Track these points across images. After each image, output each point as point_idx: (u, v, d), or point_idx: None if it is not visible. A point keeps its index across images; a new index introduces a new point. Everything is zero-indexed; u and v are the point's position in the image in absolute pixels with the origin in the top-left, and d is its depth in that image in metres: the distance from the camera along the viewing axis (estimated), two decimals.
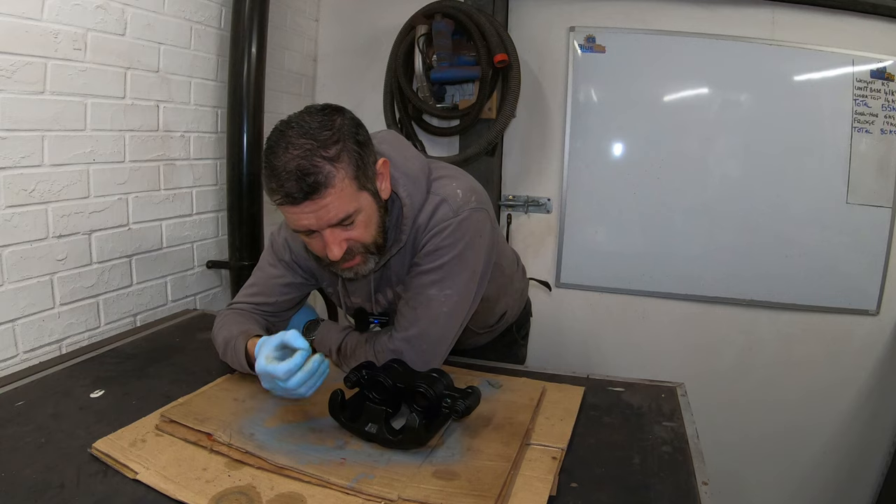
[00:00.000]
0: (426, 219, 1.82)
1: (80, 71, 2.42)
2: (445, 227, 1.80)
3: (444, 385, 1.65)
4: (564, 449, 1.63)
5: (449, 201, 1.82)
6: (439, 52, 3.61)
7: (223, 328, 2.02)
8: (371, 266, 1.81)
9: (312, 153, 1.56)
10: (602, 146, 3.87)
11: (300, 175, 1.55)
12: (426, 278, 1.85)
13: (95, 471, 1.49)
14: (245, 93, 3.18)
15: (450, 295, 1.85)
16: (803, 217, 3.61)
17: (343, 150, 1.61)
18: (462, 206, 1.82)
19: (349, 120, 1.68)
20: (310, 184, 1.56)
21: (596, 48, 3.75)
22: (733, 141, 3.68)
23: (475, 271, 1.89)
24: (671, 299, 3.87)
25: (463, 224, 1.81)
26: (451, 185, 1.87)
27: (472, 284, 1.90)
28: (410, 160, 1.89)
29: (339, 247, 1.68)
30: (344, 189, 1.60)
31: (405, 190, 1.81)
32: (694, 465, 1.59)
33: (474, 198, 1.86)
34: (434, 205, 1.83)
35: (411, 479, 1.45)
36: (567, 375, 2.16)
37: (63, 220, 2.41)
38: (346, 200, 1.63)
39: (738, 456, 3.84)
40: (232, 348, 1.92)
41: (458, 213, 1.81)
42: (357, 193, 1.65)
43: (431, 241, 1.82)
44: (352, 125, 1.67)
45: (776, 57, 3.53)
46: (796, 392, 3.77)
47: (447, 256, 1.81)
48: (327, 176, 1.57)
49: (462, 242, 1.82)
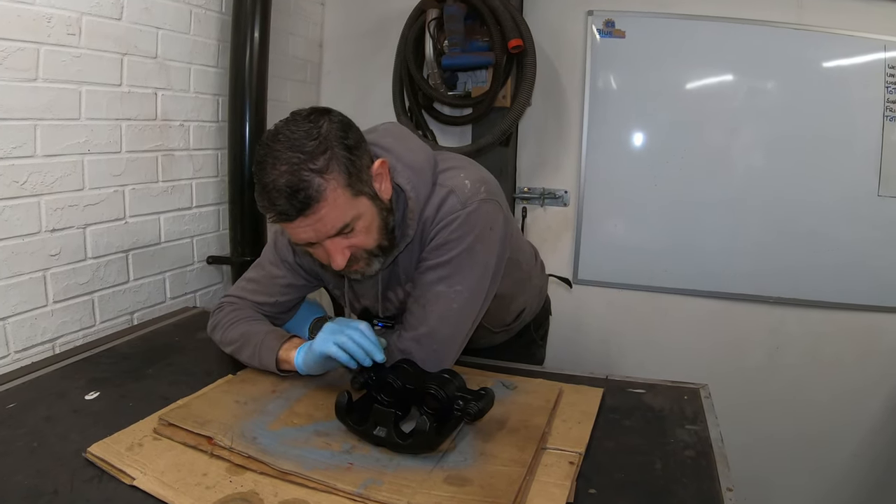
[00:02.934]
0: (433, 211, 1.81)
1: (74, 57, 2.42)
2: (454, 220, 1.79)
3: (456, 386, 1.64)
4: (582, 453, 1.62)
5: (457, 192, 1.81)
6: (451, 37, 3.59)
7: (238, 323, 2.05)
8: (377, 266, 1.82)
9: (300, 167, 1.57)
10: (622, 136, 3.86)
11: (290, 192, 1.57)
12: (435, 274, 1.84)
13: (90, 476, 1.48)
14: (247, 80, 3.18)
15: (460, 291, 1.84)
16: (833, 210, 3.58)
17: (332, 158, 1.61)
18: (470, 196, 1.81)
19: (337, 123, 1.67)
20: (301, 200, 1.57)
21: (615, 33, 3.73)
22: (759, 130, 3.66)
23: (487, 266, 1.87)
24: (694, 296, 3.86)
25: (472, 216, 1.80)
26: (459, 175, 1.86)
27: (485, 280, 1.88)
28: (415, 152, 1.88)
29: (343, 255, 1.70)
30: (337, 199, 1.61)
31: (409, 183, 1.80)
32: (718, 471, 1.57)
33: (483, 188, 1.84)
34: (441, 197, 1.82)
35: (421, 485, 1.44)
36: (585, 376, 2.15)
37: (56, 213, 2.41)
38: (342, 210, 1.64)
39: (764, 460, 3.82)
40: (256, 345, 1.96)
41: (467, 204, 1.80)
42: (353, 200, 1.66)
43: (439, 235, 1.81)
44: (340, 129, 1.66)
45: (804, 42, 3.50)
46: (825, 393, 3.74)
47: (456, 250, 1.80)
48: (318, 189, 1.58)
49: (472, 235, 1.80)
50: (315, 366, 1.85)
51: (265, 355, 1.94)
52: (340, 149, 1.63)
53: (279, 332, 2.01)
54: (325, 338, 1.76)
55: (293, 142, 1.59)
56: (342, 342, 1.71)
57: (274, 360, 1.93)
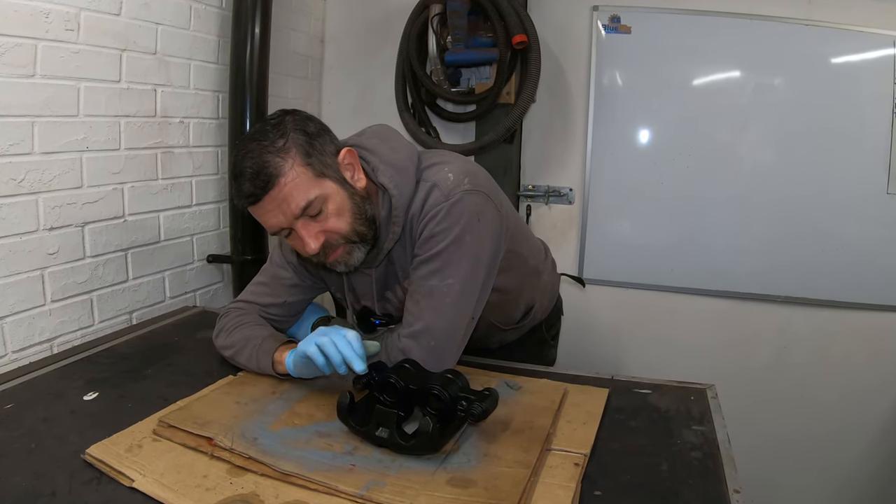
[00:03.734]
0: (419, 206, 1.85)
1: (72, 53, 2.42)
2: (438, 212, 1.81)
3: (460, 387, 1.63)
4: (587, 455, 1.61)
5: (439, 186, 1.84)
6: (454, 32, 3.59)
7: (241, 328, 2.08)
8: (359, 256, 1.86)
9: (262, 152, 1.71)
10: (628, 133, 3.86)
11: (253, 174, 1.70)
12: (426, 268, 1.85)
13: (89, 478, 1.48)
14: (248, 76, 3.18)
15: (451, 284, 1.84)
16: (841, 208, 3.58)
17: (289, 141, 1.74)
18: (453, 188, 1.83)
19: (300, 117, 1.82)
20: (262, 179, 1.69)
21: (621, 28, 3.73)
22: (767, 127, 3.65)
23: (479, 258, 1.88)
24: (701, 295, 3.85)
25: (456, 207, 1.81)
26: (443, 170, 1.88)
27: (478, 272, 1.89)
28: (397, 150, 1.93)
29: (315, 239, 1.77)
30: (298, 177, 1.72)
31: (391, 181, 1.85)
32: (725, 472, 1.56)
33: (467, 180, 1.86)
34: (425, 191, 1.85)
35: (424, 487, 1.43)
36: (590, 377, 2.15)
37: (54, 211, 2.41)
38: (304, 188, 1.73)
39: (772, 461, 3.82)
40: (255, 347, 1.99)
41: (450, 196, 1.82)
42: (315, 180, 1.75)
43: (426, 228, 1.83)
44: (300, 119, 1.80)
45: (812, 38, 3.49)
46: (834, 393, 3.74)
47: (443, 243, 1.82)
48: (277, 167, 1.70)
49: (458, 227, 1.82)
50: (302, 368, 1.85)
51: (262, 357, 1.96)
52: (298, 134, 1.76)
53: (278, 336, 2.03)
54: (309, 338, 1.78)
55: (256, 134, 1.75)
56: (322, 343, 1.72)
57: (270, 362, 1.94)
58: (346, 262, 1.85)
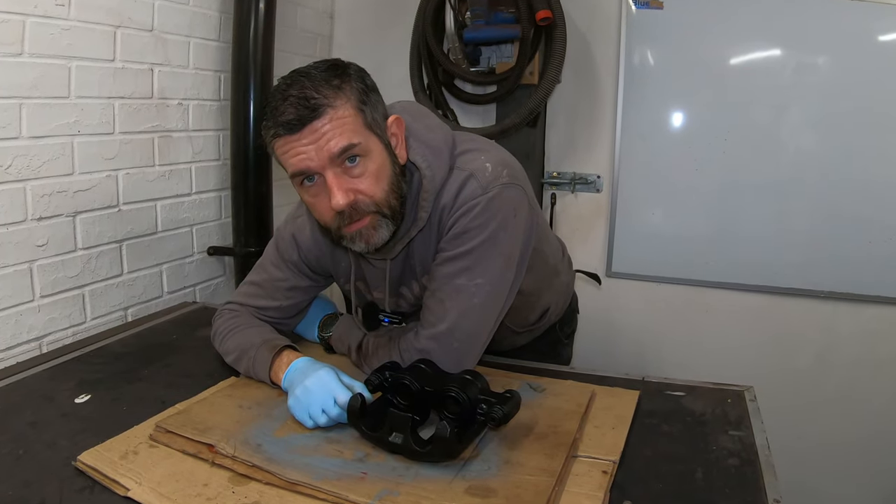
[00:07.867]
0: (451, 197, 1.81)
1: (63, 30, 2.42)
2: (474, 206, 1.78)
3: (479, 389, 1.63)
4: (616, 462, 1.60)
5: (477, 176, 1.80)
6: (474, 8, 3.56)
7: (235, 333, 2.07)
8: (384, 234, 1.78)
9: (316, 82, 1.65)
10: (659, 116, 3.84)
11: (299, 100, 1.62)
12: (454, 266, 1.82)
13: (81, 487, 1.48)
14: (252, 55, 3.18)
15: (481, 284, 1.82)
16: (890, 196, 3.54)
17: (346, 83, 1.69)
18: (492, 181, 1.80)
19: (356, 68, 1.77)
20: (309, 106, 1.62)
21: (653, 4, 3.70)
22: (809, 110, 3.61)
23: (510, 257, 1.86)
24: (738, 290, 3.83)
25: (493, 202, 1.78)
26: (480, 158, 1.85)
27: (508, 272, 1.87)
28: (433, 130, 1.89)
29: (345, 195, 1.68)
30: (345, 116, 1.66)
31: (425, 160, 1.81)
32: (765, 480, 1.56)
33: (506, 172, 1.83)
34: (460, 181, 1.81)
35: (441, 496, 1.43)
36: (620, 378, 2.14)
37: (44, 200, 2.41)
38: (349, 128, 1.66)
39: (815, 468, 3.79)
40: (250, 358, 1.97)
41: (488, 189, 1.79)
42: (362, 129, 1.69)
43: (458, 223, 1.79)
44: (359, 70, 1.77)
45: (859, 13, 3.44)
46: (882, 395, 3.71)
47: (477, 240, 1.79)
48: (327, 97, 1.64)
49: (494, 223, 1.79)
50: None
51: (259, 371, 1.96)
52: (358, 81, 1.72)
53: (271, 342, 2.00)
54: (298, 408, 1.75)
55: (311, 68, 1.70)
56: (304, 420, 1.74)
57: (267, 377, 1.94)
58: (368, 237, 1.76)
